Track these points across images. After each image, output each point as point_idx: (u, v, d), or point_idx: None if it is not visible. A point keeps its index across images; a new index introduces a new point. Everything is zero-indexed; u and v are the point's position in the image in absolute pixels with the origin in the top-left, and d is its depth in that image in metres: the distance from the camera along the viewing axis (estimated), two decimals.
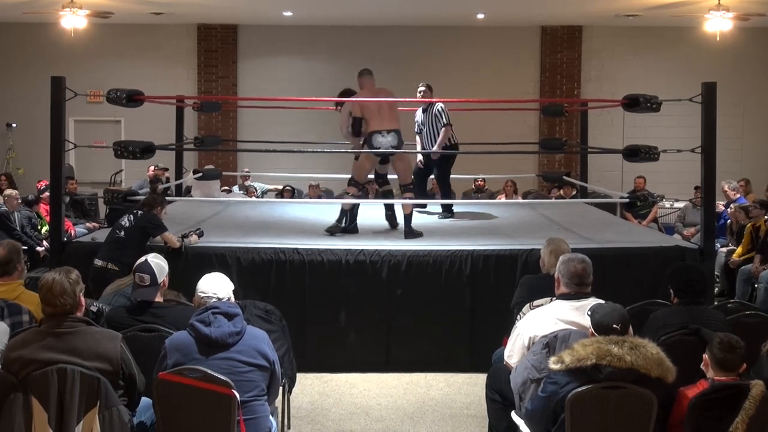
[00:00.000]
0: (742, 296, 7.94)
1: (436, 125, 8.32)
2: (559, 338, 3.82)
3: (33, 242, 8.91)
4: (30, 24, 13.58)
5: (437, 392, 5.88)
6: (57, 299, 3.53)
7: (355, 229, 7.24)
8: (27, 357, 3.46)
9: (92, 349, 3.49)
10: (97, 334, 3.58)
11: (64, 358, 3.44)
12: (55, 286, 3.54)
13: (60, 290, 3.53)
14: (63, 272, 3.64)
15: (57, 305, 3.54)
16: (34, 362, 3.44)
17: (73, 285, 3.58)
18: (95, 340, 3.53)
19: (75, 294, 3.58)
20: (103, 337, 3.57)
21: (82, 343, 3.50)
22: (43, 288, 3.57)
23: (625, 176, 13.13)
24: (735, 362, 3.59)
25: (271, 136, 11.52)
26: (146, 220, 6.13)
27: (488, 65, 14.19)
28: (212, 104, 10.02)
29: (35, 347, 3.49)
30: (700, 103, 6.47)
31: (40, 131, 10.11)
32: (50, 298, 3.54)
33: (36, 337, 3.55)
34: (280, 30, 14.13)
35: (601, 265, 4.82)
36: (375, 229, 7.43)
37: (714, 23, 11.75)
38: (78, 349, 3.48)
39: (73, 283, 3.60)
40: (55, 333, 3.51)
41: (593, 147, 10.66)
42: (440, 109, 8.30)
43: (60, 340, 3.49)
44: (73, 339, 3.50)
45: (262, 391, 3.70)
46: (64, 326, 3.53)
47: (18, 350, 3.50)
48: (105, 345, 3.53)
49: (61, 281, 3.56)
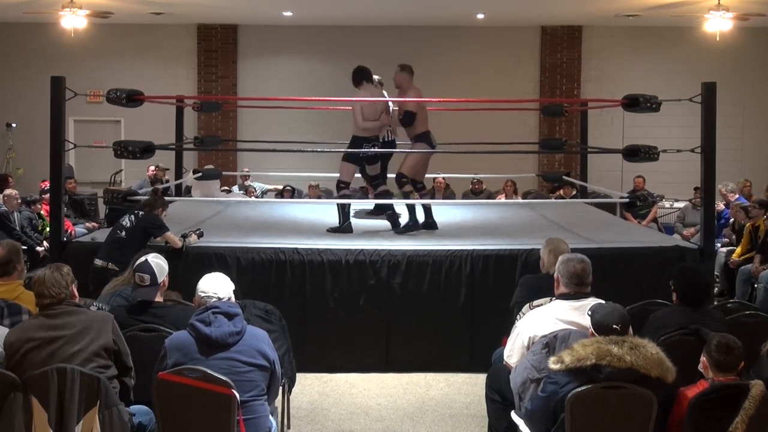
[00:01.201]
0: (742, 296, 7.94)
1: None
2: (559, 338, 3.82)
3: (33, 242, 8.91)
4: (30, 24, 13.58)
5: (437, 392, 5.88)
6: (50, 290, 3.68)
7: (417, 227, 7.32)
8: (24, 336, 3.60)
9: (83, 323, 3.65)
10: (89, 314, 3.78)
11: (59, 333, 3.59)
12: (47, 279, 3.70)
13: (52, 282, 3.69)
14: (54, 267, 3.80)
15: (50, 296, 3.68)
16: (30, 340, 3.58)
17: (65, 277, 3.75)
18: (88, 317, 3.71)
19: (67, 285, 3.75)
20: (96, 315, 3.79)
21: (75, 319, 3.66)
22: (36, 282, 3.73)
23: (625, 176, 13.13)
24: (733, 363, 3.59)
25: (271, 136, 11.52)
26: (147, 221, 6.13)
27: (488, 65, 14.18)
28: (212, 104, 10.03)
29: (31, 328, 3.66)
30: (700, 103, 6.47)
31: (40, 131, 10.11)
32: (43, 290, 3.69)
33: (32, 322, 3.73)
34: (280, 30, 14.13)
35: (601, 265, 4.82)
36: (374, 228, 7.45)
37: (714, 23, 11.75)
38: (71, 323, 3.63)
39: (65, 275, 3.76)
40: (49, 314, 3.68)
41: (593, 147, 10.67)
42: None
43: (53, 319, 3.66)
44: (67, 317, 3.66)
45: (262, 391, 3.70)
46: (58, 309, 3.68)
47: (16, 334, 3.65)
48: (98, 321, 3.71)
49: (52, 274, 3.72)
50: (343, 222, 7.25)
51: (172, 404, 3.54)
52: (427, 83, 13.49)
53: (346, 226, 7.25)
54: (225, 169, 12.50)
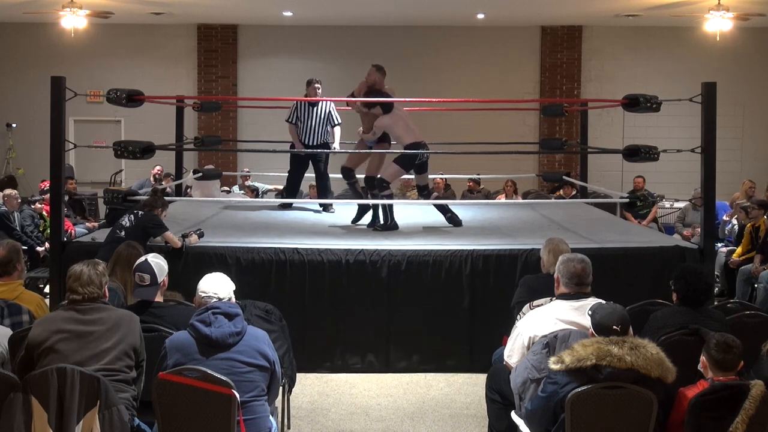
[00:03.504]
0: (742, 296, 7.94)
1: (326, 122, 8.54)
2: (559, 338, 3.82)
3: (33, 242, 8.90)
4: (30, 24, 13.58)
5: (437, 392, 5.88)
6: (84, 288, 3.74)
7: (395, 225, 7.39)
8: (53, 328, 3.65)
9: (114, 321, 3.71)
10: (118, 311, 3.84)
11: (90, 328, 3.65)
12: (83, 276, 3.76)
13: (87, 280, 3.75)
14: (91, 265, 3.84)
15: (83, 293, 3.73)
16: (60, 331, 3.63)
17: (99, 276, 3.81)
18: (118, 315, 3.76)
19: (101, 285, 3.81)
20: (125, 314, 3.83)
21: (105, 316, 3.72)
22: (71, 277, 3.77)
23: (625, 176, 13.12)
24: (733, 362, 3.59)
25: (271, 136, 11.50)
26: (147, 220, 6.14)
27: (488, 65, 14.19)
28: (212, 104, 10.02)
29: (60, 320, 3.69)
30: (700, 103, 6.47)
31: (40, 131, 10.12)
32: (76, 287, 3.74)
33: (61, 314, 3.76)
34: (280, 30, 14.13)
35: (601, 265, 4.82)
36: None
37: (714, 23, 11.75)
38: (102, 320, 3.69)
39: (100, 274, 3.82)
40: (79, 309, 3.72)
41: (593, 147, 10.67)
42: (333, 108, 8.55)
43: (84, 314, 3.70)
44: (96, 312, 3.72)
45: (262, 391, 3.70)
46: (89, 305, 3.74)
47: (43, 326, 3.69)
48: (126, 320, 3.76)
49: (89, 272, 3.78)
50: (389, 220, 7.34)
51: (173, 405, 3.53)
52: (427, 83, 13.67)
53: (393, 223, 7.33)
54: (225, 169, 12.51)
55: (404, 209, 9.11)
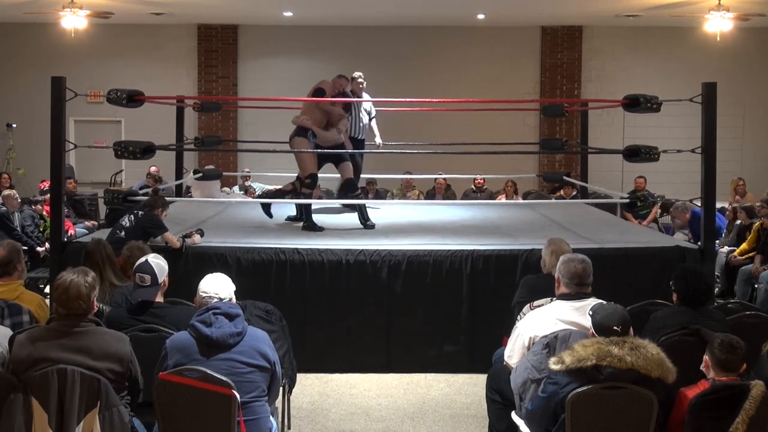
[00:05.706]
0: (742, 296, 7.94)
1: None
2: (560, 338, 3.82)
3: (33, 242, 8.90)
4: (30, 24, 13.58)
5: (437, 392, 5.88)
6: (72, 302, 3.55)
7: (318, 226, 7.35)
8: (37, 355, 3.47)
9: (103, 349, 3.52)
10: (107, 335, 3.61)
11: (74, 357, 3.45)
12: (71, 288, 3.56)
13: (76, 294, 3.55)
14: (80, 274, 3.64)
15: (71, 308, 3.56)
16: (44, 360, 3.45)
17: (88, 289, 3.60)
18: (105, 341, 3.56)
19: (89, 298, 3.61)
20: (113, 338, 3.61)
21: (93, 343, 3.52)
22: (59, 288, 3.58)
23: (626, 176, 13.12)
24: (736, 363, 3.59)
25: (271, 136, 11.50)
26: (147, 221, 6.14)
27: (488, 65, 14.18)
28: (212, 104, 10.02)
29: (46, 345, 3.50)
30: (700, 103, 6.47)
31: (40, 131, 10.12)
32: (65, 300, 3.56)
33: (46, 335, 3.56)
34: (280, 30, 14.13)
35: (601, 265, 4.81)
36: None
37: (714, 23, 11.75)
38: (89, 348, 3.50)
39: (89, 287, 3.61)
40: (66, 332, 3.53)
41: (593, 147, 10.66)
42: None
43: (71, 339, 3.51)
44: (84, 338, 3.52)
45: (262, 391, 3.70)
46: (76, 327, 3.55)
47: (27, 348, 3.51)
48: (115, 346, 3.57)
49: (77, 285, 3.57)
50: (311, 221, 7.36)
51: (173, 405, 3.53)
52: (427, 83, 13.67)
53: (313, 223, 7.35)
54: (225, 170, 12.50)
55: (404, 209, 9.12)
